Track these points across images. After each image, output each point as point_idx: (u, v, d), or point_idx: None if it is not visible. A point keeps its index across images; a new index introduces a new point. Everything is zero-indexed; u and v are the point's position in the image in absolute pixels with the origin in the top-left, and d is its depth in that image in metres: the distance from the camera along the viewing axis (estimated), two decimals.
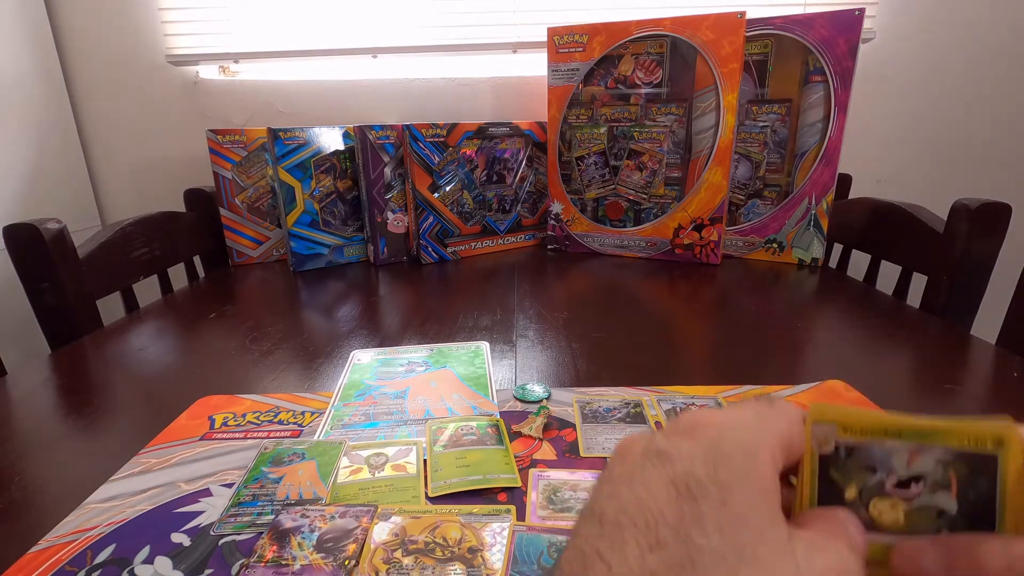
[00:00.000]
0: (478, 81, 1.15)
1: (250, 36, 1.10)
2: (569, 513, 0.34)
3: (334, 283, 0.87)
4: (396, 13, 1.10)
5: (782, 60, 0.86)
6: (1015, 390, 0.48)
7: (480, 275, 0.89)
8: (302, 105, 1.15)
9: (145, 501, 0.36)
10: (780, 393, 0.48)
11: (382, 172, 0.94)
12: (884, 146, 1.19)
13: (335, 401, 0.49)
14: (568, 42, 0.94)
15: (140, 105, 1.14)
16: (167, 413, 0.48)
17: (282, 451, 0.41)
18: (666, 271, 0.89)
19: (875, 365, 0.54)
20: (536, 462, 0.39)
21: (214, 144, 0.95)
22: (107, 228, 0.82)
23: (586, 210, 1.00)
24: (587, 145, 0.97)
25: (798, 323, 0.65)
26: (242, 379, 0.54)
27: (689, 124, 0.89)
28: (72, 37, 1.09)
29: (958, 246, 0.71)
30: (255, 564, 0.30)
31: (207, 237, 1.02)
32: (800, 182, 0.88)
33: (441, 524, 0.33)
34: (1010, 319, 0.65)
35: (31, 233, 0.67)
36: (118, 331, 0.68)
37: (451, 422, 0.45)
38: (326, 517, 0.34)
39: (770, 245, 0.93)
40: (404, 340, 0.63)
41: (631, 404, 0.47)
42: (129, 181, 1.18)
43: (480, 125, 0.97)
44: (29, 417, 0.48)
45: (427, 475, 0.38)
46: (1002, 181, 1.19)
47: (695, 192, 0.91)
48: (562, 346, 0.60)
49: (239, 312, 0.74)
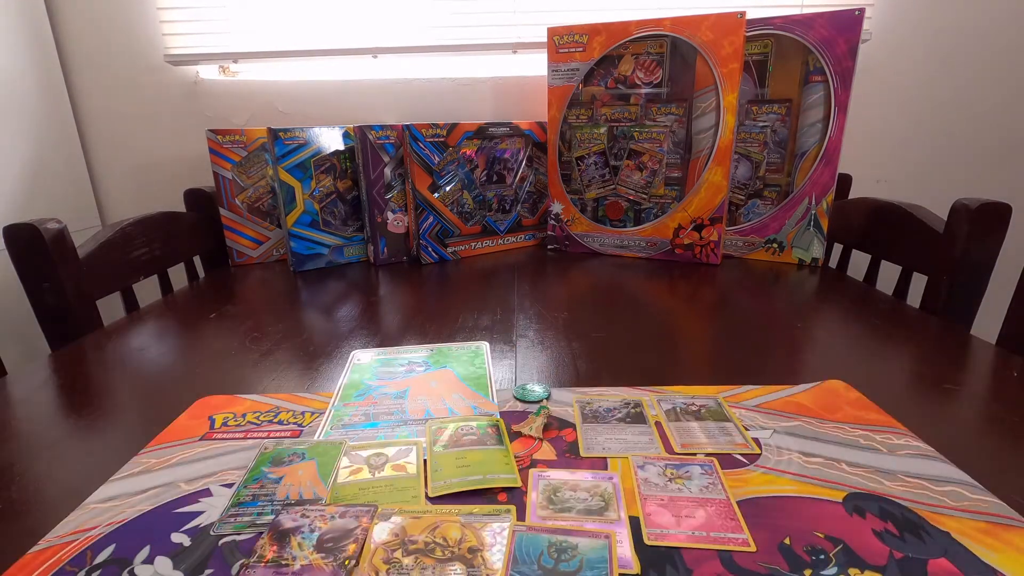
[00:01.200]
0: (478, 81, 1.15)
1: (250, 36, 1.10)
2: (569, 513, 0.34)
3: (334, 283, 0.87)
4: (396, 13, 1.10)
5: (782, 60, 0.86)
6: (1015, 390, 0.48)
7: (480, 275, 0.89)
8: (302, 105, 1.15)
9: (145, 501, 0.36)
10: (780, 393, 0.48)
11: (382, 172, 0.94)
12: (884, 146, 1.19)
13: (335, 401, 0.49)
14: (568, 42, 0.94)
15: (140, 105, 1.14)
16: (167, 413, 0.48)
17: (282, 451, 0.41)
18: (666, 271, 0.89)
19: (875, 365, 0.54)
20: (536, 462, 0.39)
21: (214, 144, 0.95)
22: (107, 228, 0.82)
23: (586, 210, 1.00)
24: (587, 145, 0.97)
25: (798, 323, 0.65)
26: (242, 379, 0.54)
27: (689, 124, 0.89)
28: (72, 37, 1.09)
29: (958, 246, 0.71)
30: (255, 564, 0.30)
31: (207, 237, 1.02)
32: (800, 182, 0.88)
33: (441, 524, 0.33)
34: (1010, 319, 0.66)
35: (31, 233, 0.67)
36: (118, 331, 0.68)
37: (451, 422, 0.45)
38: (326, 517, 0.34)
39: (770, 245, 0.93)
40: (404, 340, 0.63)
41: (631, 404, 0.47)
42: (129, 181, 1.18)
43: (480, 125, 0.97)
44: (29, 417, 0.48)
45: (427, 475, 0.38)
46: (1002, 181, 1.19)
47: (695, 192, 0.91)
48: (562, 346, 0.60)
49: (239, 312, 0.74)
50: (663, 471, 0.38)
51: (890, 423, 0.43)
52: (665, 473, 0.38)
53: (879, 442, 0.40)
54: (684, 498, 0.35)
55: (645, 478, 0.37)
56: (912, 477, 0.36)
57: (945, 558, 0.30)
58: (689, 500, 0.35)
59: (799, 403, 0.46)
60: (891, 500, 0.34)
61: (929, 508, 0.34)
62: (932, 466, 0.38)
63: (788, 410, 0.45)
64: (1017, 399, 0.47)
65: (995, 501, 0.34)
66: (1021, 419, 0.44)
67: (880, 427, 0.42)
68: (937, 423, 0.44)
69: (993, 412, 0.45)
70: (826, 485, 0.36)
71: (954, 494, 0.35)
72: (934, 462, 0.38)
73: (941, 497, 0.34)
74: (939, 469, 0.37)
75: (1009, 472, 0.37)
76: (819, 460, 0.39)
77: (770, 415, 0.45)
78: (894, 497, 0.35)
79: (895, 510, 0.33)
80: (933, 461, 0.38)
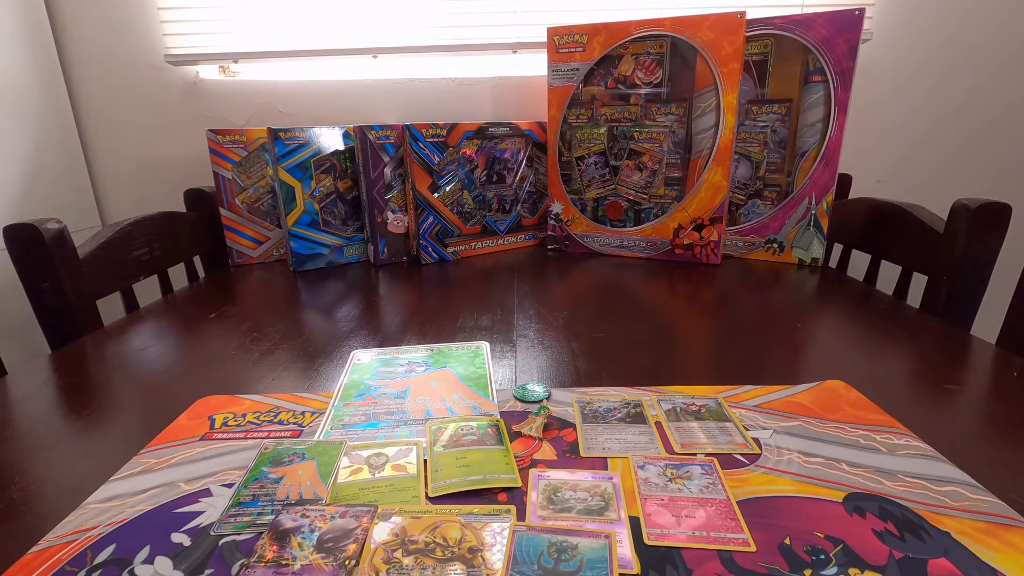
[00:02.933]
0: (478, 81, 1.15)
1: (250, 36, 1.10)
2: (569, 513, 0.34)
3: (334, 283, 0.87)
4: (396, 13, 1.10)
5: (782, 60, 0.86)
6: (1015, 390, 0.48)
7: (480, 275, 0.89)
8: (302, 105, 1.15)
9: (145, 501, 0.36)
10: (780, 393, 0.48)
11: (382, 172, 0.94)
12: (884, 146, 1.19)
13: (335, 401, 0.49)
14: (568, 42, 0.94)
15: (140, 105, 1.14)
16: (167, 413, 0.48)
17: (282, 451, 0.41)
18: (666, 271, 0.89)
19: (875, 365, 0.54)
20: (536, 462, 0.39)
21: (214, 144, 0.95)
22: (107, 228, 0.82)
23: (586, 210, 1.00)
24: (587, 145, 0.97)
25: (798, 323, 0.65)
26: (242, 379, 0.54)
27: (689, 124, 0.89)
28: (72, 37, 1.09)
29: (958, 246, 0.71)
30: (255, 564, 0.30)
31: (207, 237, 1.02)
32: (800, 182, 0.88)
33: (441, 524, 0.33)
34: (1010, 319, 0.65)
35: (31, 233, 0.67)
36: (118, 331, 0.68)
37: (451, 422, 0.45)
38: (326, 517, 0.34)
39: (770, 245, 0.93)
40: (404, 340, 0.63)
41: (631, 404, 0.47)
42: (129, 181, 1.18)
43: (480, 125, 0.97)
44: (29, 417, 0.48)
45: (427, 475, 0.38)
46: (1002, 181, 1.19)
47: (695, 192, 0.91)
48: (562, 346, 0.60)
49: (239, 312, 0.74)
50: (663, 471, 0.38)
51: (890, 423, 0.43)
52: (665, 473, 0.38)
53: (879, 442, 0.40)
54: (684, 498, 0.35)
55: (645, 478, 0.37)
56: (912, 477, 0.36)
57: (945, 558, 0.30)
58: (689, 500, 0.35)
59: (799, 403, 0.46)
60: (891, 500, 0.34)
61: (929, 508, 0.34)
62: (932, 466, 0.38)
63: (788, 410, 0.45)
64: (1017, 399, 0.47)
65: (995, 501, 0.34)
66: (1021, 419, 0.44)
67: (880, 427, 0.42)
68: (937, 423, 0.44)
69: (993, 412, 0.45)
70: (826, 485, 0.36)
71: (954, 494, 0.35)
72: (934, 462, 0.38)
73: (941, 497, 0.34)
74: (939, 469, 0.37)
75: (1009, 472, 0.37)
76: (819, 460, 0.39)
77: (770, 415, 0.45)
78: (894, 497, 0.35)
79: (895, 510, 0.33)
80: (933, 461, 0.38)
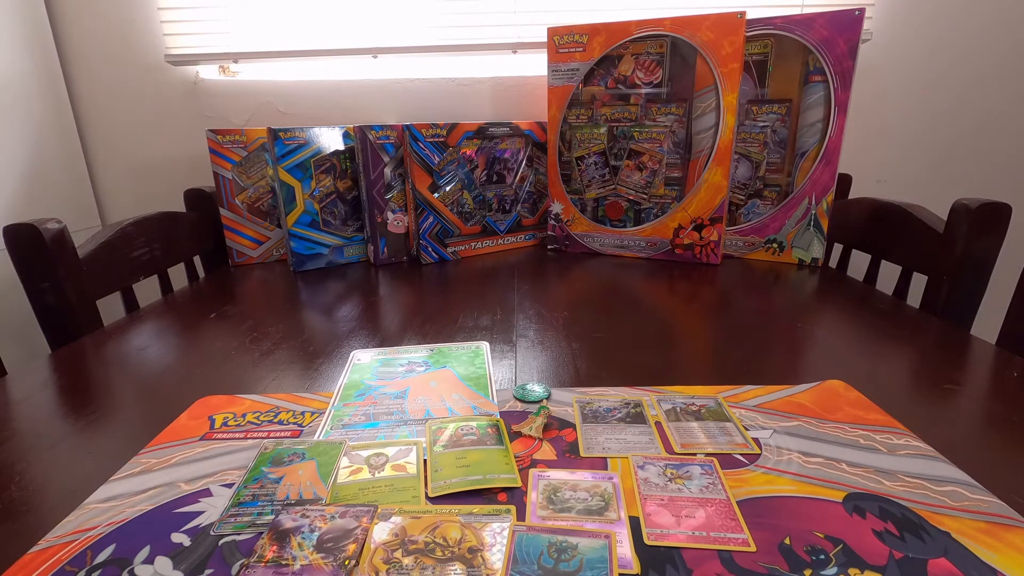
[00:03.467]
0: (478, 81, 1.15)
1: (250, 36, 1.10)
2: (569, 513, 0.34)
3: (334, 283, 0.87)
4: (396, 13, 1.10)
5: (782, 60, 0.86)
6: (1015, 390, 0.48)
7: (480, 275, 0.89)
8: (302, 105, 1.15)
9: (145, 501, 0.36)
10: (780, 393, 0.48)
11: (382, 172, 0.94)
12: (884, 146, 1.19)
13: (335, 401, 0.49)
14: (568, 42, 0.94)
15: (140, 105, 1.14)
16: (167, 413, 0.48)
17: (282, 451, 0.41)
18: (666, 271, 0.89)
19: (875, 365, 0.54)
20: (536, 462, 0.39)
21: (214, 144, 0.95)
22: (107, 228, 0.82)
23: (586, 210, 1.00)
24: (587, 145, 0.97)
25: (798, 323, 0.65)
26: (242, 379, 0.54)
27: (689, 124, 0.89)
28: (72, 37, 1.09)
29: (958, 246, 0.71)
30: (255, 564, 0.30)
31: (207, 237, 1.02)
32: (800, 182, 0.88)
33: (441, 524, 0.33)
34: (1010, 319, 0.65)
35: (31, 233, 0.67)
36: (118, 331, 0.68)
37: (451, 422, 0.45)
38: (326, 517, 0.34)
39: (770, 245, 0.93)
40: (404, 340, 0.63)
41: (631, 404, 0.47)
42: (129, 181, 1.18)
43: (480, 125, 0.97)
44: (29, 417, 0.48)
45: (427, 475, 0.38)
46: (1002, 181, 1.19)
47: (695, 192, 0.91)
48: (562, 346, 0.60)
49: (239, 312, 0.74)
50: (663, 471, 0.38)
51: (890, 423, 0.43)
52: (665, 473, 0.38)
53: (879, 442, 0.40)
54: (684, 498, 0.35)
55: (645, 478, 0.37)
56: (912, 477, 0.36)
57: (945, 558, 0.30)
58: (689, 500, 0.35)
59: (799, 403, 0.46)
60: (891, 500, 0.34)
61: (929, 508, 0.34)
62: (932, 466, 0.38)
63: (788, 410, 0.45)
64: (1017, 399, 0.47)
65: (995, 501, 0.34)
66: (1021, 419, 0.44)
67: (880, 427, 0.42)
68: (937, 423, 0.44)
69: (993, 412, 0.45)
70: (826, 485, 0.36)
71: (954, 494, 0.35)
72: (934, 462, 0.38)
73: (941, 497, 0.34)
74: (939, 469, 0.37)
75: (1009, 472, 0.37)
76: (819, 460, 0.39)
77: (770, 415, 0.45)
78: (894, 497, 0.35)
79: (895, 510, 0.33)
80: (933, 461, 0.38)
